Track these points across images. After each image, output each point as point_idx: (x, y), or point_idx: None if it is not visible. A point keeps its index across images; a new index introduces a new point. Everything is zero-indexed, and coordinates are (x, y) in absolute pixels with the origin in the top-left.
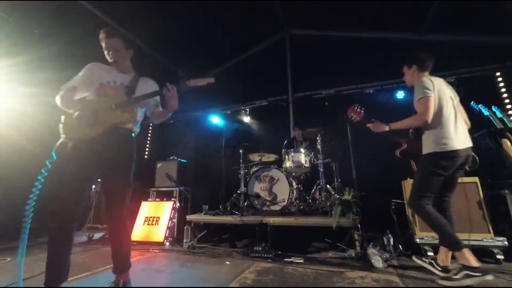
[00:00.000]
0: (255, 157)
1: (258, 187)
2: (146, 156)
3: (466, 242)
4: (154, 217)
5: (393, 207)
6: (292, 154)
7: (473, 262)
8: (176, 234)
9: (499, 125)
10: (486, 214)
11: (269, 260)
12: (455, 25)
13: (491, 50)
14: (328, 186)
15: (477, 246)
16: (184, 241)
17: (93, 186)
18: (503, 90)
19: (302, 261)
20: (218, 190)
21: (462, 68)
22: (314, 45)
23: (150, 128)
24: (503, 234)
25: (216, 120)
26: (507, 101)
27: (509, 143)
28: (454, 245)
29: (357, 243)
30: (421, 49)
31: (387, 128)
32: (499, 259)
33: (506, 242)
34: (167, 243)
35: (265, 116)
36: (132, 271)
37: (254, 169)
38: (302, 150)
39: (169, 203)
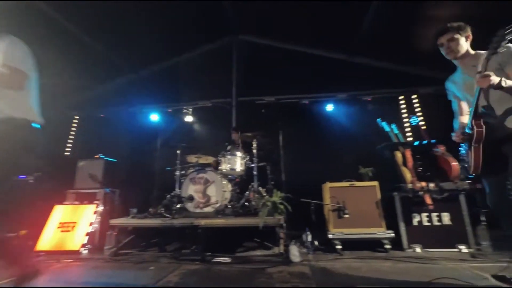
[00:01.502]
0: (192, 159)
1: (193, 189)
2: (67, 153)
3: (365, 236)
4: (70, 222)
5: (312, 207)
6: (229, 157)
7: None
8: (98, 241)
9: (395, 140)
10: (381, 212)
11: (197, 262)
12: (377, 53)
13: (399, 77)
14: (260, 188)
15: (372, 238)
16: (106, 248)
17: None
18: (404, 111)
19: (230, 260)
20: (150, 192)
21: (377, 89)
22: (260, 53)
23: (75, 121)
24: (392, 227)
25: (154, 117)
26: (405, 120)
27: (399, 155)
28: None
29: (281, 241)
30: (349, 69)
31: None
32: (387, 248)
33: (393, 234)
34: (85, 251)
35: (208, 118)
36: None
37: (191, 170)
38: (238, 153)
39: (90, 207)
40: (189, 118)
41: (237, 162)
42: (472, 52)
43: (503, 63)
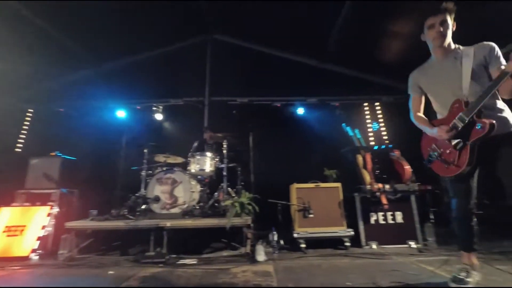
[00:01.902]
0: (160, 158)
1: (159, 190)
2: (18, 149)
3: (327, 234)
4: (18, 226)
5: (279, 207)
6: (198, 157)
7: None
8: (51, 246)
9: (357, 144)
10: (343, 211)
11: (161, 265)
12: (345, 61)
13: (365, 85)
14: (229, 189)
15: (334, 236)
16: (60, 252)
17: None
18: (368, 117)
19: (195, 262)
20: (113, 193)
21: (345, 95)
22: (235, 54)
23: (29, 114)
24: (352, 226)
25: (121, 114)
26: (369, 125)
27: (360, 158)
28: None
29: (248, 241)
30: (320, 75)
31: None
32: (347, 245)
33: (352, 232)
34: (35, 257)
35: (179, 116)
36: None
37: (158, 170)
38: (208, 153)
39: (43, 208)
40: (159, 116)
41: (206, 163)
42: (452, 43)
43: (489, 59)
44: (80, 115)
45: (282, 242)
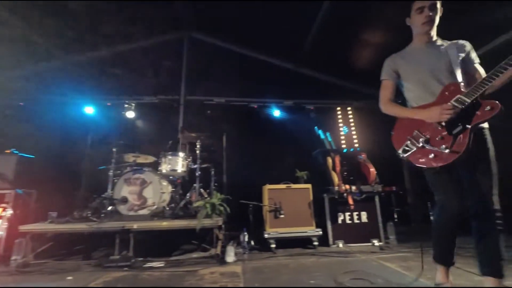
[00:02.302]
0: (130, 158)
1: (127, 191)
2: None
3: (296, 234)
4: None
5: (251, 208)
6: (170, 157)
7: None
8: (3, 251)
9: (328, 147)
10: (313, 212)
11: (125, 268)
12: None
13: (337, 90)
14: (202, 190)
15: (303, 236)
16: (13, 258)
17: None
18: (340, 121)
19: (163, 265)
20: (77, 194)
21: (319, 99)
22: (213, 53)
23: None
24: (321, 226)
25: (90, 110)
26: (341, 129)
27: (330, 160)
28: None
29: (219, 242)
30: (296, 78)
31: None
32: (315, 245)
33: (321, 232)
34: None
35: (153, 115)
36: None
37: (127, 170)
38: (180, 153)
39: None
40: (131, 114)
41: (178, 163)
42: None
43: (469, 56)
44: (43, 110)
45: (252, 242)
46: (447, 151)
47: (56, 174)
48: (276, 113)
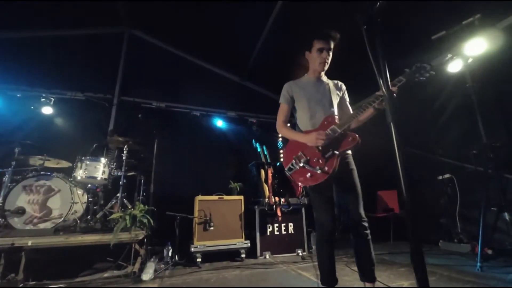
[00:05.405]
0: (36, 161)
1: (26, 200)
2: None
3: (224, 247)
4: None
5: (178, 220)
6: (87, 162)
7: None
8: None
9: (263, 159)
10: (243, 224)
11: None
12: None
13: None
14: (125, 200)
15: (232, 249)
16: None
17: None
18: (280, 135)
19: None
20: None
21: (261, 113)
22: (155, 55)
23: None
24: (251, 238)
25: None
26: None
27: (263, 173)
28: None
29: (138, 258)
30: (241, 91)
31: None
32: (243, 257)
33: (249, 244)
34: None
35: (76, 113)
36: None
37: (29, 175)
38: (102, 159)
39: None
40: (48, 110)
41: (98, 170)
42: None
43: (343, 95)
44: None
45: (177, 257)
46: (319, 171)
47: None
48: (219, 123)
